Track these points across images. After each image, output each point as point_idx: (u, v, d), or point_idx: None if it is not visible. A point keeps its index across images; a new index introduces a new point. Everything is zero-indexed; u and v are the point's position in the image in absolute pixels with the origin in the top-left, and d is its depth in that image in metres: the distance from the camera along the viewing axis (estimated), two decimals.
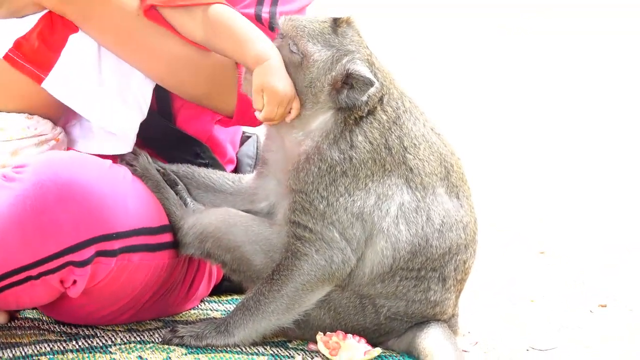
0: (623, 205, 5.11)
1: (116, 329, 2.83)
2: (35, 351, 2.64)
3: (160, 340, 2.72)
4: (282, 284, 2.65)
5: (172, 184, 2.84)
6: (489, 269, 3.78)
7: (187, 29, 2.72)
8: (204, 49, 2.75)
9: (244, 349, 2.68)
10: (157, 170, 2.83)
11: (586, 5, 14.03)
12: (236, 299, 3.19)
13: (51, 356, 2.60)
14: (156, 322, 2.93)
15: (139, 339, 2.75)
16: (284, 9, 2.87)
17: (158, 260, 2.74)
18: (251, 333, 2.69)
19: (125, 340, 2.73)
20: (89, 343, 2.71)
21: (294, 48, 2.65)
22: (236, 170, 3.21)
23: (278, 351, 2.69)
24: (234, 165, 3.21)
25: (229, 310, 2.96)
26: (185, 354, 2.62)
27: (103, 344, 2.70)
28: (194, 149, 3.03)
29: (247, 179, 2.91)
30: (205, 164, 2.97)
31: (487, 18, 13.69)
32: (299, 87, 2.64)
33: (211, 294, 3.19)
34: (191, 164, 2.93)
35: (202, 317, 3.02)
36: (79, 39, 2.69)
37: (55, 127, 2.76)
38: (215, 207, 2.80)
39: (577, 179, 5.77)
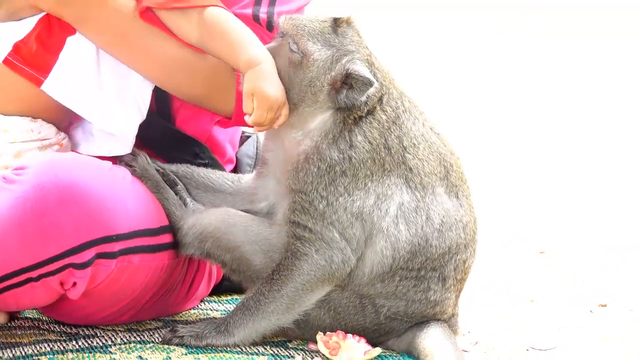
0: (623, 205, 5.11)
1: (116, 328, 2.83)
2: (35, 351, 2.64)
3: (160, 340, 2.72)
4: (282, 284, 2.65)
5: (172, 184, 2.83)
6: (489, 269, 3.78)
7: (183, 31, 2.72)
8: (201, 50, 2.75)
9: (244, 348, 2.68)
10: (157, 170, 2.83)
11: (586, 5, 14.03)
12: (236, 298, 3.19)
13: (51, 356, 2.60)
14: (156, 322, 2.93)
15: (139, 338, 2.75)
16: (282, 9, 2.87)
17: (158, 261, 2.74)
18: (251, 333, 2.69)
19: (125, 340, 2.73)
20: (89, 343, 2.71)
21: (294, 47, 2.65)
22: (236, 170, 3.21)
23: (278, 351, 2.69)
24: (234, 165, 3.21)
25: (228, 310, 2.96)
26: (185, 354, 2.62)
27: (103, 343, 2.70)
28: (194, 149, 3.03)
29: (247, 178, 2.90)
30: (205, 164, 2.96)
31: (487, 18, 13.69)
32: (298, 86, 2.64)
33: (211, 294, 3.19)
34: (190, 164, 2.93)
35: (202, 317, 3.02)
36: (76, 40, 2.69)
37: (59, 132, 2.76)
38: (215, 207, 2.80)
39: (577, 179, 5.77)
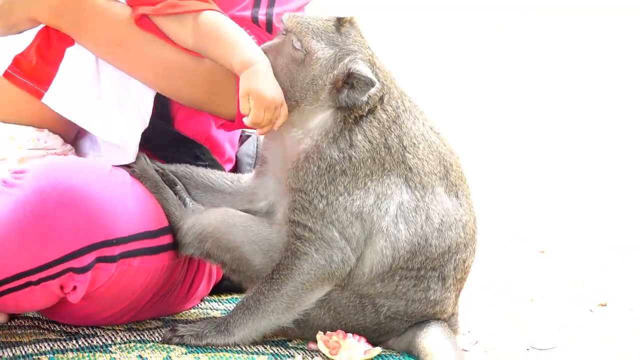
0: (623, 205, 5.11)
1: (116, 328, 2.83)
2: (36, 350, 2.64)
3: (160, 339, 2.72)
4: (282, 284, 2.65)
5: (171, 184, 2.83)
6: (489, 269, 3.78)
7: (179, 36, 2.71)
8: (199, 55, 2.75)
9: (244, 348, 2.68)
10: (156, 170, 2.82)
11: (586, 5, 14.02)
12: (236, 298, 3.19)
13: (51, 355, 2.60)
14: (156, 321, 2.93)
15: (139, 338, 2.75)
16: (281, 10, 2.87)
17: (158, 263, 2.74)
18: (251, 332, 2.69)
19: (125, 340, 2.73)
20: (89, 342, 2.71)
21: (297, 44, 2.65)
22: (236, 170, 3.21)
23: (278, 350, 2.69)
24: (233, 164, 3.21)
25: (228, 310, 2.96)
26: (185, 353, 2.62)
27: (103, 343, 2.70)
28: (194, 151, 3.03)
29: (246, 178, 2.90)
30: (205, 166, 2.96)
31: (487, 18, 13.68)
32: (300, 84, 2.65)
33: (211, 293, 3.19)
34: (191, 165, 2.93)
35: (202, 316, 3.02)
36: (75, 51, 2.68)
37: (65, 144, 2.75)
38: (215, 207, 2.80)
39: (577, 179, 5.77)
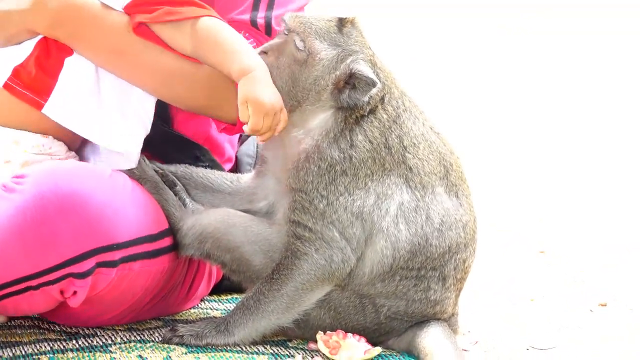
0: (623, 205, 5.11)
1: (116, 328, 2.83)
2: (36, 350, 2.64)
3: (160, 339, 2.72)
4: (282, 284, 2.64)
5: (171, 185, 2.83)
6: (489, 269, 3.78)
7: (177, 43, 2.71)
8: (198, 61, 2.74)
9: (243, 348, 2.68)
10: (155, 171, 2.82)
11: (586, 5, 14.03)
12: (236, 298, 3.19)
13: (51, 355, 2.60)
14: (156, 321, 2.93)
15: (139, 338, 2.75)
16: (279, 12, 2.86)
17: (159, 265, 2.73)
18: (251, 332, 2.69)
19: (125, 340, 2.73)
20: (89, 342, 2.71)
21: (300, 45, 2.64)
22: (236, 170, 3.21)
23: (278, 350, 2.69)
24: (232, 164, 3.21)
25: (228, 310, 2.96)
26: (185, 353, 2.62)
27: (103, 343, 2.70)
28: (194, 152, 3.03)
29: (246, 178, 2.90)
30: (205, 167, 2.96)
31: (487, 18, 13.69)
32: (302, 84, 2.64)
33: (211, 293, 3.19)
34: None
35: (202, 316, 3.02)
36: (75, 61, 2.67)
37: (70, 151, 2.74)
38: (214, 208, 2.80)
39: (577, 179, 5.77)
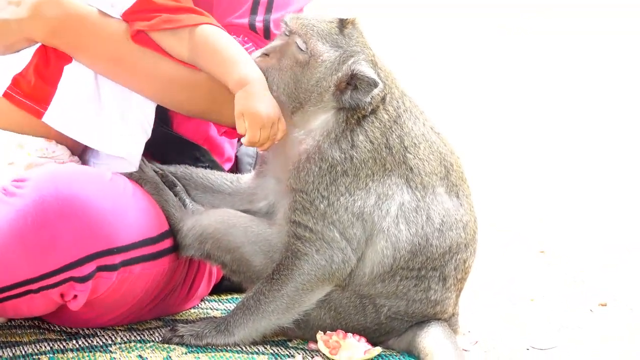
0: (623, 205, 5.11)
1: (116, 328, 2.83)
2: (36, 350, 2.63)
3: (161, 339, 2.72)
4: (282, 284, 2.64)
5: (171, 186, 2.83)
6: (489, 269, 3.78)
7: (175, 50, 2.70)
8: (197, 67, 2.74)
9: (244, 348, 2.68)
10: (155, 172, 2.82)
11: (586, 5, 14.02)
12: (236, 298, 3.19)
13: (51, 355, 2.60)
14: (156, 321, 2.93)
15: (139, 338, 2.75)
16: (278, 15, 2.86)
17: (159, 267, 2.73)
18: (251, 332, 2.69)
19: (125, 340, 2.73)
20: (89, 342, 2.71)
21: (302, 46, 2.64)
22: (236, 170, 3.20)
23: (278, 350, 2.69)
24: (232, 164, 3.21)
25: (229, 309, 2.96)
26: (186, 353, 2.62)
27: (103, 343, 2.70)
28: (194, 153, 3.03)
29: (246, 179, 2.90)
30: (205, 167, 2.96)
31: (487, 18, 13.68)
32: (304, 86, 2.64)
33: (211, 293, 3.19)
34: None
35: (202, 316, 3.02)
36: (74, 68, 2.67)
37: (73, 156, 2.74)
38: (214, 208, 2.80)
39: (577, 179, 5.77)
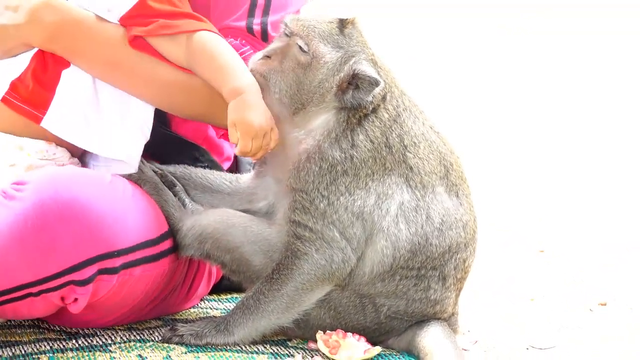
0: (622, 205, 5.11)
1: (116, 327, 2.83)
2: (35, 350, 2.63)
3: (160, 338, 2.72)
4: (282, 284, 2.64)
5: (170, 186, 2.83)
6: (488, 268, 3.78)
7: (172, 55, 2.71)
8: None
9: (243, 347, 2.68)
10: (155, 172, 2.82)
11: (586, 5, 14.02)
12: (236, 297, 3.19)
13: (51, 355, 2.60)
14: (156, 320, 2.93)
15: (138, 337, 2.75)
16: (275, 18, 2.86)
17: (159, 269, 2.73)
18: (251, 332, 2.69)
19: (125, 339, 2.73)
20: (89, 342, 2.71)
21: (304, 48, 2.64)
22: (236, 169, 3.21)
23: (278, 350, 2.69)
24: (231, 163, 3.21)
25: (228, 309, 2.96)
26: (185, 353, 2.62)
27: (103, 342, 2.70)
28: (193, 153, 3.03)
29: (245, 178, 2.90)
30: (204, 167, 2.96)
31: (487, 18, 13.68)
32: (306, 88, 2.64)
33: (211, 293, 3.19)
34: None
35: (202, 315, 3.02)
36: (72, 73, 2.67)
37: (73, 158, 2.74)
38: (214, 208, 2.80)
39: (577, 178, 5.77)
